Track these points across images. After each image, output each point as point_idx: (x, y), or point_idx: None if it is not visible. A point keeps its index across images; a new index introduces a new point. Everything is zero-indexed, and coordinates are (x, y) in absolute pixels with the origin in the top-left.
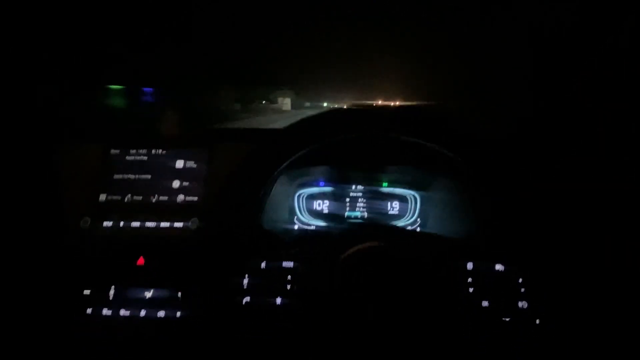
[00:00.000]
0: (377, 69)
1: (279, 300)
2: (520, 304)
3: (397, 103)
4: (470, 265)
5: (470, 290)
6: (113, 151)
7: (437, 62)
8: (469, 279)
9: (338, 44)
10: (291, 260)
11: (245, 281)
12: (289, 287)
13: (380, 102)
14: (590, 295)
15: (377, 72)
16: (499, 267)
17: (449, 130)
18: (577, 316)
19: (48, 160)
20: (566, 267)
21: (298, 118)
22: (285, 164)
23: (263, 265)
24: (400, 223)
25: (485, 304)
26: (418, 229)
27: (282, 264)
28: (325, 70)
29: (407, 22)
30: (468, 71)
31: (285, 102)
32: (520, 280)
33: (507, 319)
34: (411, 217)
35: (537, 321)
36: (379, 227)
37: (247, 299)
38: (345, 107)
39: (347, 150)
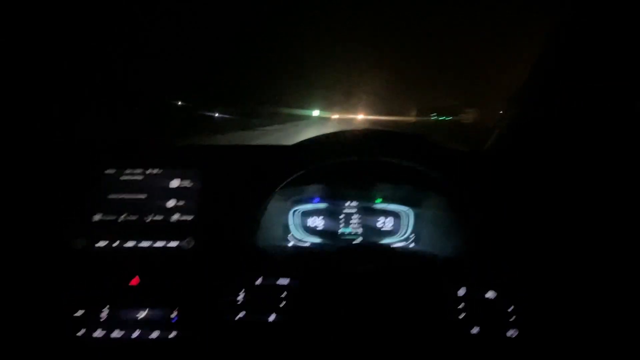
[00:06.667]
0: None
1: (272, 317)
2: (509, 332)
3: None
4: (462, 292)
5: (461, 316)
6: (108, 171)
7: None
8: (460, 305)
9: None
10: (286, 278)
11: (240, 297)
12: (283, 304)
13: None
14: (580, 323)
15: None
16: (489, 294)
17: (436, 151)
18: (567, 346)
19: (42, 180)
20: (555, 295)
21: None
22: (280, 186)
23: (258, 282)
24: (394, 239)
25: (475, 330)
26: (412, 245)
27: (276, 281)
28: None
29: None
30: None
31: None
32: (511, 308)
33: (496, 347)
34: (405, 234)
35: (526, 350)
36: (373, 248)
37: (241, 314)
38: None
39: (341, 168)
